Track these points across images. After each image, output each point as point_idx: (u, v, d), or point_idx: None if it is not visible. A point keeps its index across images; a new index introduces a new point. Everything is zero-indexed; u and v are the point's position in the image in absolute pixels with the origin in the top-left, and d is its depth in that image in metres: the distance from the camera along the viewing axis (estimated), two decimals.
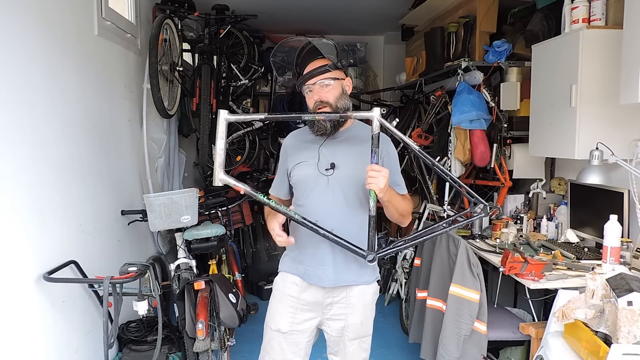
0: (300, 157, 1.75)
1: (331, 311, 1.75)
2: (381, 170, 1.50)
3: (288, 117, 1.70)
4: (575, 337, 1.68)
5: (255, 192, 1.57)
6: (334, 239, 1.59)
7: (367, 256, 1.59)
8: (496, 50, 3.07)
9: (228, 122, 1.55)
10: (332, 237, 1.59)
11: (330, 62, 1.68)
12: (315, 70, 1.67)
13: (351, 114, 1.62)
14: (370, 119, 1.55)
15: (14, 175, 1.68)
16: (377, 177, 1.49)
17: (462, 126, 3.09)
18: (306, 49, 1.74)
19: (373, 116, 1.54)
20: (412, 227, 3.65)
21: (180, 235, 2.72)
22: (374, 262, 1.62)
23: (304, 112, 1.68)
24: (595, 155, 2.13)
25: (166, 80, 3.13)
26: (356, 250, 1.60)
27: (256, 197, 1.57)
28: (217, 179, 1.53)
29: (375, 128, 1.54)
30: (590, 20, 2.33)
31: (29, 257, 1.75)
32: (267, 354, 1.79)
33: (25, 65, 1.78)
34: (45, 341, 1.82)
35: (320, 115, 1.62)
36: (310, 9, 4.21)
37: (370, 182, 1.50)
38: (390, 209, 1.66)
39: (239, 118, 1.55)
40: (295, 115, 1.63)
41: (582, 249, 2.40)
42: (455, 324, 2.19)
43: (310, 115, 1.63)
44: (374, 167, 1.51)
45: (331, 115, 1.63)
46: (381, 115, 1.55)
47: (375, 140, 1.53)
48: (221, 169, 1.53)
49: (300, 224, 1.59)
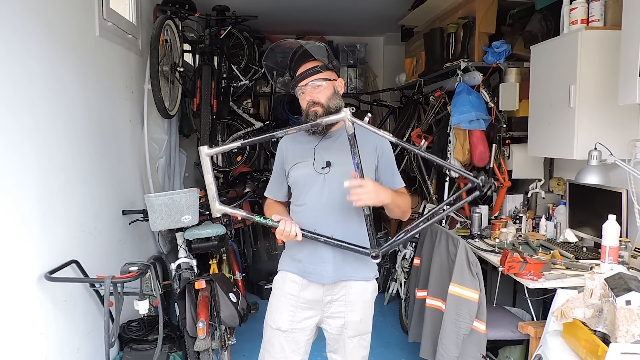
0: (296, 158, 1.78)
1: (331, 309, 1.77)
2: (363, 185, 1.52)
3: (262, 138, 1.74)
4: (574, 336, 1.69)
5: (251, 215, 1.63)
6: (336, 244, 1.63)
7: (371, 253, 1.62)
8: (495, 51, 3.08)
9: (209, 156, 1.59)
10: (333, 242, 1.63)
11: (321, 64, 1.72)
12: (307, 71, 1.71)
13: (322, 120, 1.62)
14: (341, 120, 1.57)
15: (16, 175, 1.69)
16: (361, 194, 1.52)
17: (461, 126, 3.10)
18: (298, 52, 1.77)
19: (343, 117, 1.56)
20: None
21: (181, 235, 2.73)
22: (379, 258, 1.64)
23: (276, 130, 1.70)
24: (594, 155, 2.14)
25: (167, 80, 3.14)
26: (360, 250, 1.63)
27: (252, 219, 1.63)
28: (215, 210, 1.60)
29: (349, 129, 1.55)
30: (588, 21, 2.34)
31: (31, 256, 1.76)
32: (267, 352, 1.80)
33: (27, 66, 1.79)
34: (47, 340, 1.83)
35: (292, 130, 1.65)
36: (310, 10, 4.22)
37: (357, 201, 1.53)
38: (389, 207, 1.69)
39: (218, 150, 1.63)
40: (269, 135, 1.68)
41: (581, 249, 2.41)
42: (454, 323, 2.20)
43: (283, 131, 1.66)
44: (353, 184, 1.53)
45: (302, 127, 1.66)
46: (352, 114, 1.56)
47: (352, 140, 1.55)
48: (216, 201, 1.59)
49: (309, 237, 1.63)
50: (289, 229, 1.59)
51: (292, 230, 1.59)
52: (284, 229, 1.59)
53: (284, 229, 1.59)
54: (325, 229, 1.69)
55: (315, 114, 1.69)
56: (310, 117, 1.70)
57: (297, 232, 1.60)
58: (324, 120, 1.62)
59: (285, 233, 1.59)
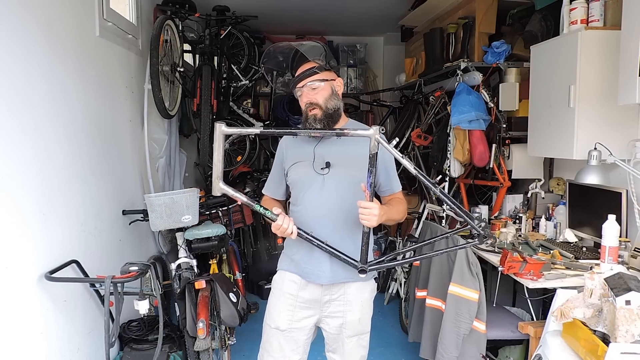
0: (296, 158, 1.78)
1: (329, 309, 1.77)
2: (371, 208, 1.54)
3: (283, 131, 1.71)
4: (573, 336, 1.69)
5: (252, 202, 1.62)
6: (328, 250, 1.64)
7: (359, 268, 1.64)
8: (495, 51, 3.09)
9: (224, 134, 1.58)
10: (325, 247, 1.64)
11: (317, 65, 1.72)
12: (304, 73, 1.71)
13: (348, 131, 1.58)
14: (369, 137, 1.52)
15: (16, 175, 1.69)
16: (368, 215, 1.55)
17: (461, 126, 3.10)
18: (297, 54, 1.77)
19: (371, 135, 1.51)
20: (412, 226, 3.66)
21: (181, 235, 2.73)
22: (365, 274, 1.65)
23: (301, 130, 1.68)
24: (594, 155, 2.14)
25: (167, 80, 3.14)
26: (349, 261, 1.65)
27: (253, 207, 1.63)
28: (216, 189, 1.58)
29: (373, 148, 1.52)
30: (588, 21, 2.35)
31: (31, 256, 1.76)
32: (266, 351, 1.80)
33: (27, 66, 1.79)
34: (47, 340, 1.83)
35: (316, 132, 1.64)
36: (310, 10, 4.22)
37: (363, 219, 1.56)
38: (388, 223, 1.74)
39: (235, 131, 1.61)
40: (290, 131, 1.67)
41: (581, 249, 2.41)
42: (454, 323, 2.20)
43: (306, 132, 1.65)
44: (362, 205, 1.55)
45: (327, 131, 1.65)
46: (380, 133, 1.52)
47: (372, 160, 1.53)
48: (220, 180, 1.57)
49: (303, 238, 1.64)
50: (286, 225, 1.59)
51: (289, 227, 1.60)
52: (281, 224, 1.59)
53: (282, 224, 1.59)
54: (322, 229, 1.70)
55: (314, 117, 1.70)
56: (309, 120, 1.70)
57: (294, 230, 1.61)
58: (351, 133, 1.58)
59: (282, 229, 1.60)
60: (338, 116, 1.76)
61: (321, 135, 1.67)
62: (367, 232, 1.61)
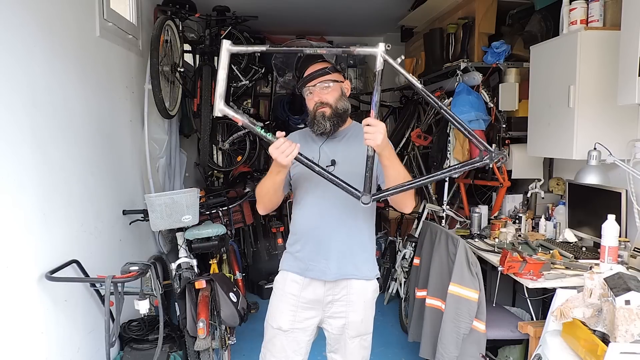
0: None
1: (332, 309, 1.77)
2: (377, 125, 1.47)
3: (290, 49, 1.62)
4: (573, 335, 1.69)
5: (253, 126, 1.52)
6: (330, 177, 1.54)
7: (362, 197, 1.55)
8: (495, 51, 3.09)
9: (230, 52, 1.51)
10: (327, 175, 1.54)
11: (329, 65, 1.73)
12: (316, 72, 1.71)
13: (354, 48, 1.53)
14: (374, 54, 1.50)
15: (16, 175, 1.69)
16: (373, 132, 1.46)
17: None
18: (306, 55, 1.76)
19: (377, 52, 1.50)
20: (412, 226, 3.67)
21: (181, 235, 2.73)
22: (369, 204, 1.56)
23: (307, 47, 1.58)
24: (593, 155, 2.15)
25: (167, 81, 3.14)
26: (352, 190, 1.55)
27: (254, 129, 1.51)
28: (217, 109, 1.50)
29: (379, 65, 1.49)
30: (588, 22, 2.35)
31: (31, 256, 1.77)
32: (269, 351, 1.81)
33: (27, 66, 1.79)
34: (48, 340, 1.83)
35: (322, 50, 1.55)
36: (310, 10, 4.22)
37: (367, 138, 1.47)
38: (390, 171, 1.59)
39: (241, 49, 1.52)
40: (298, 49, 1.58)
41: (580, 249, 2.41)
42: (454, 322, 2.20)
43: (313, 48, 1.55)
44: (369, 122, 1.47)
45: (333, 50, 1.58)
46: (386, 52, 1.49)
47: (377, 77, 1.49)
48: (221, 100, 1.51)
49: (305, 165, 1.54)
50: (287, 146, 1.47)
51: (290, 148, 1.47)
52: (282, 144, 1.47)
53: (282, 144, 1.47)
54: (327, 226, 1.70)
55: (323, 114, 1.70)
56: (317, 118, 1.70)
57: (294, 154, 1.48)
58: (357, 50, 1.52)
59: (282, 148, 1.47)
60: (346, 117, 1.77)
61: (328, 52, 1.58)
62: (372, 156, 1.52)
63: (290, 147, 1.48)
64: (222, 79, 1.51)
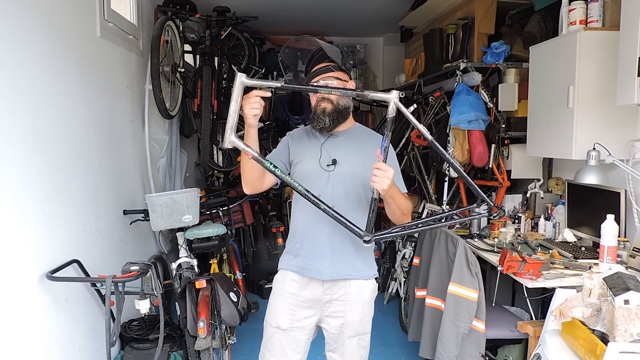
0: (303, 152, 1.80)
1: (330, 308, 1.78)
2: (387, 171, 1.50)
3: (303, 88, 1.69)
4: (572, 335, 1.70)
5: (263, 159, 1.54)
6: (334, 215, 1.56)
7: (364, 236, 1.58)
8: (494, 51, 3.09)
9: (244, 85, 1.52)
10: (332, 212, 1.56)
11: (334, 64, 1.75)
12: (320, 69, 1.74)
13: (368, 93, 1.56)
14: (387, 101, 1.50)
15: (17, 175, 1.70)
16: (382, 177, 1.49)
17: (460, 127, 3.11)
18: (317, 54, 1.79)
19: (390, 98, 1.50)
20: None
21: (181, 235, 2.74)
22: (370, 243, 1.60)
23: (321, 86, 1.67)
24: (593, 155, 2.15)
25: (168, 81, 3.15)
26: (354, 229, 1.58)
27: (263, 163, 1.54)
28: (227, 141, 1.51)
29: (391, 111, 1.50)
30: (587, 22, 2.35)
31: (32, 256, 1.77)
32: (268, 350, 1.81)
33: (28, 67, 1.80)
34: (48, 339, 1.84)
35: (336, 91, 1.59)
36: (310, 10, 4.23)
37: (375, 181, 1.50)
38: (392, 206, 1.66)
39: (255, 83, 1.54)
40: (313, 87, 1.64)
41: (580, 248, 2.42)
42: (454, 322, 2.20)
43: (327, 89, 1.62)
44: (380, 166, 1.50)
45: (348, 92, 1.61)
46: (399, 99, 1.50)
47: (389, 124, 1.51)
48: (232, 132, 1.51)
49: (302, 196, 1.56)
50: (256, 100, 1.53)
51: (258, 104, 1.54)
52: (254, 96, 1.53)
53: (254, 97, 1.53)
54: (325, 226, 1.70)
55: (323, 110, 1.72)
56: (318, 112, 1.72)
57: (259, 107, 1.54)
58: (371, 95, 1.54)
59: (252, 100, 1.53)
60: (347, 114, 1.79)
61: (342, 94, 1.63)
62: (376, 199, 1.55)
63: (257, 102, 1.53)
64: (234, 111, 1.51)
